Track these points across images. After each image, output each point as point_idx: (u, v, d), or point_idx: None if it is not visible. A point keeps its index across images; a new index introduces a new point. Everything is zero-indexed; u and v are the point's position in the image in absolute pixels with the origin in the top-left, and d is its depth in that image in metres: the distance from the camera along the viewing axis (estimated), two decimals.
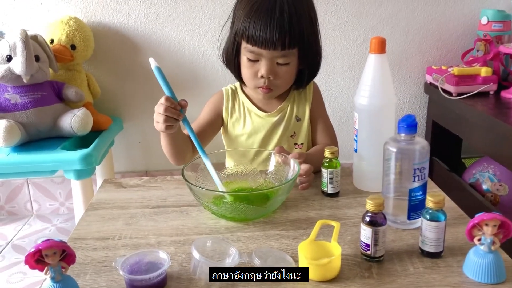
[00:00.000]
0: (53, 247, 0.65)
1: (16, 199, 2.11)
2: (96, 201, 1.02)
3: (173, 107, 0.96)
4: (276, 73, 1.11)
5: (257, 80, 1.12)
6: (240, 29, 1.08)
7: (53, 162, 1.52)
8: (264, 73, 1.09)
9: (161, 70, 0.98)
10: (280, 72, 1.11)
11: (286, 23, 1.05)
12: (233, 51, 1.13)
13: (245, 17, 1.07)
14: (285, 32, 1.05)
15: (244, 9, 1.08)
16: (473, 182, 1.79)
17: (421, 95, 2.08)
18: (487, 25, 1.88)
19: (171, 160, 1.15)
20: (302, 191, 1.02)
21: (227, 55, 1.17)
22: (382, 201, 0.75)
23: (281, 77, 1.12)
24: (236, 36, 1.10)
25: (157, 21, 1.90)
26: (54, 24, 1.76)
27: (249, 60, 1.10)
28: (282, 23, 1.04)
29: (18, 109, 1.57)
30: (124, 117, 2.02)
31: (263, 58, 1.09)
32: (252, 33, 1.05)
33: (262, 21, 1.04)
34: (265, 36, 1.04)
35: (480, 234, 0.71)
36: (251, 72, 1.12)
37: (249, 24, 1.06)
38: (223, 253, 0.76)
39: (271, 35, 1.04)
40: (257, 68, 1.10)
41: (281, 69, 1.11)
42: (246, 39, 1.07)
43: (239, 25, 1.08)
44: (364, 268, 0.75)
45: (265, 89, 1.13)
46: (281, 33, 1.05)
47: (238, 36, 1.09)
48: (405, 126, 0.83)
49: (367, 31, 1.98)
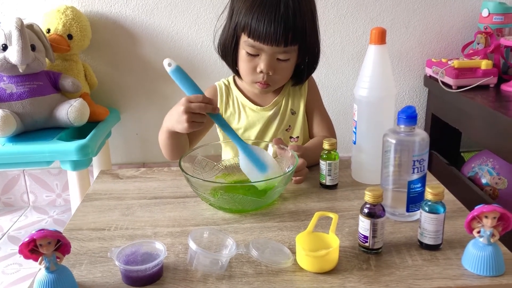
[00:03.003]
0: (47, 237, 0.64)
1: (12, 190, 2.10)
2: (93, 192, 1.01)
3: (207, 102, 0.93)
4: (275, 69, 1.09)
5: (255, 75, 1.10)
6: (241, 23, 1.05)
7: (49, 152, 1.50)
8: (264, 69, 1.08)
9: (182, 69, 0.94)
10: (279, 67, 1.10)
11: (291, 19, 1.02)
12: (232, 44, 1.10)
13: (247, 11, 1.04)
14: (289, 28, 1.03)
15: (245, 1, 1.05)
16: (472, 175, 1.78)
17: (420, 88, 2.07)
18: (488, 18, 1.87)
19: (169, 156, 1.14)
20: (299, 184, 1.01)
21: (224, 48, 1.13)
22: (381, 193, 0.75)
23: (280, 73, 1.11)
24: (236, 29, 1.08)
25: (155, 11, 1.89)
26: (51, 13, 1.74)
27: (248, 54, 1.08)
28: (287, 19, 1.02)
29: (13, 99, 1.55)
30: (121, 108, 2.00)
31: (264, 53, 1.06)
32: (255, 27, 1.03)
33: (266, 16, 1.02)
34: (269, 31, 1.02)
35: (479, 226, 0.71)
36: (250, 66, 1.10)
37: (252, 18, 1.03)
38: (220, 244, 0.75)
39: (275, 31, 1.02)
40: (256, 62, 1.08)
41: (280, 64, 1.09)
42: (247, 33, 1.05)
43: (239, 18, 1.05)
44: (362, 260, 0.74)
45: (263, 84, 1.12)
46: (285, 29, 1.02)
47: (239, 29, 1.07)
48: (405, 117, 0.82)
49: (367, 23, 1.96)
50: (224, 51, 1.14)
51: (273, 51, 1.06)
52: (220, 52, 1.16)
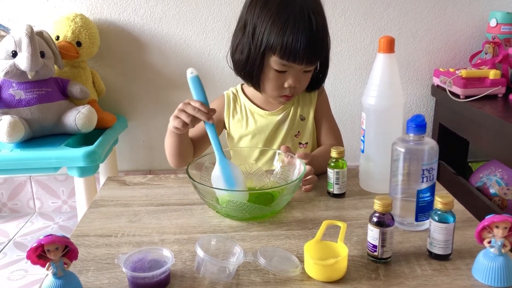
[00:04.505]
0: (55, 242, 0.64)
1: (18, 196, 2.11)
2: (100, 198, 1.01)
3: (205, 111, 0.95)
4: (301, 81, 1.11)
5: (282, 89, 1.12)
6: (271, 44, 1.03)
7: (56, 158, 1.51)
8: (293, 84, 1.09)
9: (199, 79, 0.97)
10: (303, 78, 1.12)
11: (320, 35, 1.05)
12: (258, 65, 1.08)
13: (276, 31, 1.02)
14: (320, 46, 1.06)
15: (269, 20, 1.03)
16: (480, 186, 1.77)
17: (428, 97, 2.06)
18: (496, 28, 1.87)
19: (173, 162, 1.15)
20: (307, 192, 1.01)
21: (246, 67, 1.10)
22: (390, 201, 0.74)
23: (303, 83, 1.13)
24: (264, 51, 1.06)
25: (163, 19, 1.90)
26: (60, 20, 1.76)
27: (276, 71, 1.08)
28: (317, 37, 1.04)
29: (22, 105, 1.56)
30: (128, 116, 2.01)
31: (293, 69, 1.08)
32: (290, 49, 1.02)
33: (301, 36, 1.02)
34: (304, 52, 1.03)
35: (490, 236, 0.70)
36: (278, 83, 1.10)
37: (286, 40, 1.02)
38: (228, 252, 0.75)
39: (309, 51, 1.04)
40: (285, 79, 1.09)
41: (305, 75, 1.11)
42: (280, 55, 1.04)
43: (267, 38, 1.04)
44: (371, 270, 0.74)
45: (289, 97, 1.14)
46: (316, 47, 1.05)
47: (268, 50, 1.05)
48: (414, 126, 0.82)
49: (375, 32, 1.96)
50: (246, 71, 1.11)
51: (303, 67, 1.08)
52: (240, 71, 1.13)
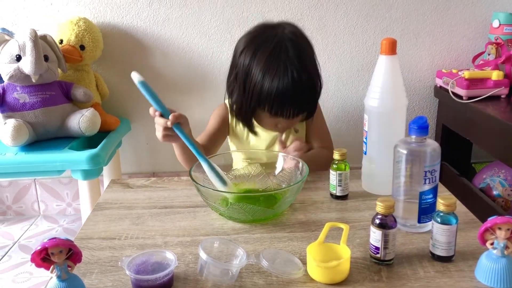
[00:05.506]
0: (59, 245, 0.65)
1: (23, 199, 2.12)
2: (103, 201, 1.02)
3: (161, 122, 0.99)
4: (293, 122, 1.16)
5: (275, 128, 1.18)
6: (260, 101, 1.08)
7: (60, 162, 1.51)
8: (286, 126, 1.16)
9: (147, 84, 0.97)
10: (295, 119, 1.16)
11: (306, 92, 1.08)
12: (251, 114, 1.15)
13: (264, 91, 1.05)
14: (308, 101, 1.10)
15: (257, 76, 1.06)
16: (483, 187, 1.76)
17: (430, 98, 2.06)
18: (499, 28, 1.86)
19: (186, 166, 1.17)
20: (310, 194, 1.01)
21: (239, 111, 1.17)
22: (393, 203, 0.74)
23: (295, 122, 1.19)
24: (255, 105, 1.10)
25: (166, 22, 1.90)
26: (64, 24, 1.77)
27: (269, 116, 1.12)
28: (304, 94, 1.07)
29: (26, 108, 1.57)
30: (132, 118, 2.01)
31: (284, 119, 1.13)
32: (277, 108, 1.07)
33: (287, 97, 1.04)
34: (292, 108, 1.08)
35: (492, 238, 0.70)
36: (270, 124, 1.17)
37: (272, 100, 1.05)
38: (231, 254, 0.75)
39: (298, 107, 1.09)
40: (277, 121, 1.14)
41: (297, 117, 1.15)
42: (269, 111, 1.09)
43: (256, 96, 1.07)
44: (374, 271, 0.74)
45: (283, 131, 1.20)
46: (305, 103, 1.10)
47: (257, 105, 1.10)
48: (416, 127, 0.82)
49: (377, 34, 1.96)
50: (240, 114, 1.18)
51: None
52: (236, 116, 1.20)
